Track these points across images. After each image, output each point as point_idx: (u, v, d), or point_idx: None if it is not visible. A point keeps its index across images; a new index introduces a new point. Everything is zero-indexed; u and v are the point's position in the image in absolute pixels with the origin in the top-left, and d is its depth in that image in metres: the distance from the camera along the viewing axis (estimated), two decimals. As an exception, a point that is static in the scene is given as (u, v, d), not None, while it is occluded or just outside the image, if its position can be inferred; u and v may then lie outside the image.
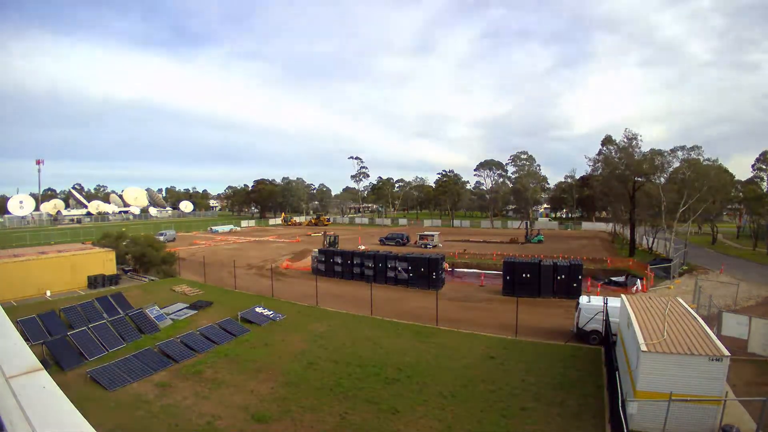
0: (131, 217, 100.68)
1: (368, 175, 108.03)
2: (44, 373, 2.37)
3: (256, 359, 16.09)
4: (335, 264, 31.84)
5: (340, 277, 31.21)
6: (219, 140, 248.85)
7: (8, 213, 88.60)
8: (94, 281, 27.82)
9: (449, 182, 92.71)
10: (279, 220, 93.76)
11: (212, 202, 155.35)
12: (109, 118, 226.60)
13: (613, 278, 31.04)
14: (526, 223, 68.33)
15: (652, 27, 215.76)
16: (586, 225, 76.20)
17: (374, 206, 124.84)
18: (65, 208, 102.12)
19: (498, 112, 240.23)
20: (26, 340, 15.42)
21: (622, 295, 15.85)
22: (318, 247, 36.12)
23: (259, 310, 21.71)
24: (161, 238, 47.54)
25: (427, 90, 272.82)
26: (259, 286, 28.62)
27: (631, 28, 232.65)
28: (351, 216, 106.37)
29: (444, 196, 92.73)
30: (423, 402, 12.83)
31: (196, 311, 22.43)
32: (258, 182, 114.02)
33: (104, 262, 29.48)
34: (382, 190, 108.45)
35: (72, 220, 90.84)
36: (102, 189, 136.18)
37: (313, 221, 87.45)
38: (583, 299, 18.84)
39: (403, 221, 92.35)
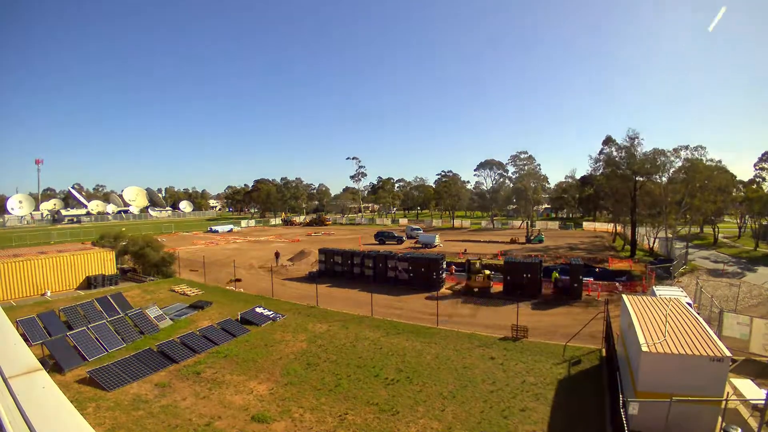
0: (131, 217, 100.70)
1: (366, 175, 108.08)
2: (44, 374, 2.35)
3: (256, 359, 16.07)
4: (335, 264, 31.81)
5: (340, 278, 31.18)
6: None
7: (8, 213, 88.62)
8: (93, 281, 27.84)
9: (449, 182, 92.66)
10: (279, 220, 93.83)
11: (212, 202, 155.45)
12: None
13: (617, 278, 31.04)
14: (527, 223, 68.35)
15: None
16: (587, 225, 76.22)
17: (374, 206, 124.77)
18: (65, 208, 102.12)
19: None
20: (26, 340, 15.42)
21: (623, 296, 15.83)
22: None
23: (259, 310, 21.68)
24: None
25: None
26: (259, 287, 28.59)
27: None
28: (351, 216, 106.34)
29: (444, 195, 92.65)
30: (423, 402, 12.81)
31: (195, 311, 22.42)
32: (258, 182, 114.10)
33: (104, 262, 29.50)
34: (382, 190, 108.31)
35: (71, 219, 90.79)
36: (101, 189, 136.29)
37: (312, 220, 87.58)
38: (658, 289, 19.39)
39: (403, 221, 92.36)
